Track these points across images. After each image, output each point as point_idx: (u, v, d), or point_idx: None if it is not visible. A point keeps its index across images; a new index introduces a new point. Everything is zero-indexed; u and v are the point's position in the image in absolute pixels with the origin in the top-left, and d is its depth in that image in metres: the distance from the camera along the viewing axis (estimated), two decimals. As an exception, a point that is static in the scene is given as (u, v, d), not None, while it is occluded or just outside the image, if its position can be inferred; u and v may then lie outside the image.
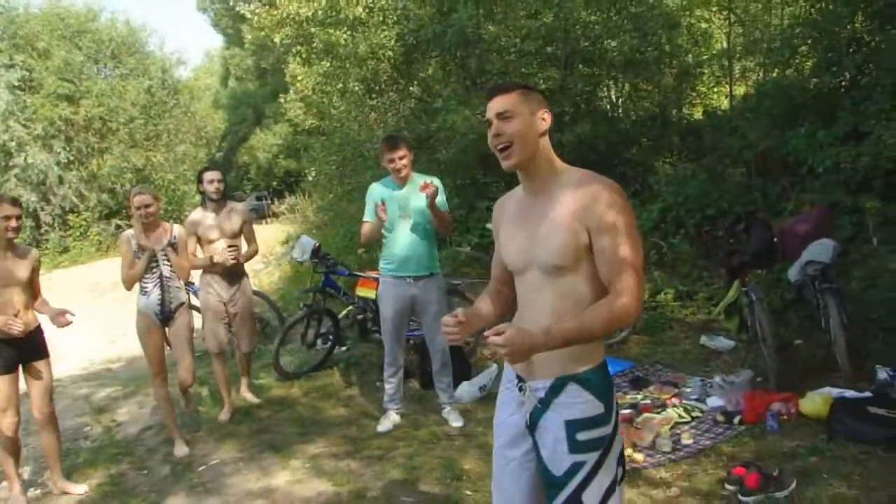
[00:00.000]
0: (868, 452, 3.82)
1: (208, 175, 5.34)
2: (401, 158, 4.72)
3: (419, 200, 4.76)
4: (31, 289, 4.20)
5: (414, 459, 4.38)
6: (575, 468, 2.05)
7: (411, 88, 10.02)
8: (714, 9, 11.04)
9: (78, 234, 21.48)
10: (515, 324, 2.17)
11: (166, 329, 4.87)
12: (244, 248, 5.55)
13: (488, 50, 8.84)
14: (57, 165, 21.50)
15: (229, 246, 5.25)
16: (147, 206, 4.63)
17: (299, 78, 11.99)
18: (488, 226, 7.25)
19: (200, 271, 5.51)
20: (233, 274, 5.40)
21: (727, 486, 3.64)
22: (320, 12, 9.27)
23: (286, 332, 6.42)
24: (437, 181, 4.89)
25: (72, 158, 22.01)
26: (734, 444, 4.20)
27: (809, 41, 8.35)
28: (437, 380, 5.12)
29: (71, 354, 8.23)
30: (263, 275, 12.66)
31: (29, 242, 20.75)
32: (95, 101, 22.30)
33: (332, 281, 6.48)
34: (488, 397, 5.41)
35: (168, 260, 4.74)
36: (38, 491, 4.48)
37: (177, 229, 4.86)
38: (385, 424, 5.01)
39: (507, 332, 1.89)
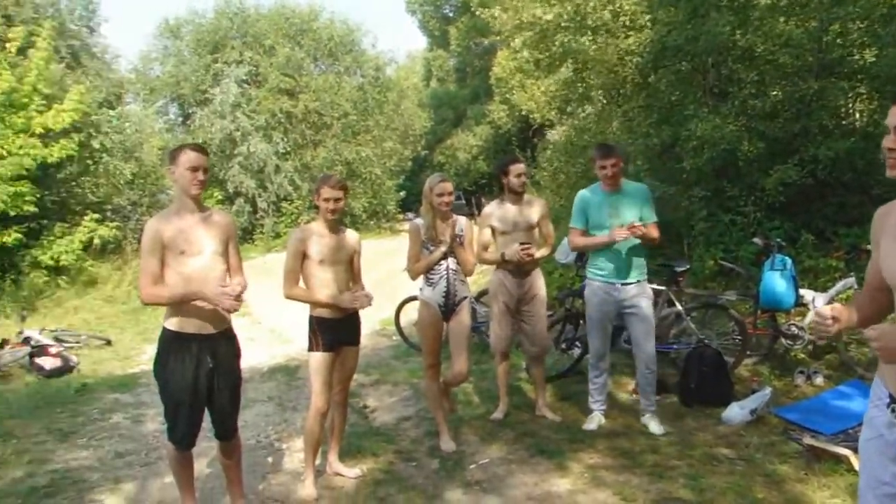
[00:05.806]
0: None
1: (516, 168, 5.15)
2: (613, 166, 4.84)
3: (629, 208, 4.89)
4: (352, 271, 4.30)
5: (698, 481, 4.17)
6: None
7: (649, 95, 9.69)
8: None
9: (289, 220, 22.86)
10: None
11: (444, 323, 4.81)
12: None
13: (742, 57, 8.36)
14: (275, 155, 23.17)
15: (523, 243, 5.04)
16: (449, 193, 4.61)
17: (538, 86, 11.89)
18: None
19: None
20: (525, 270, 5.20)
21: None
22: (565, 16, 9.17)
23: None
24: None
25: (288, 149, 23.66)
26: None
27: None
28: (642, 387, 5.25)
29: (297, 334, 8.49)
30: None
31: (245, 226, 22.48)
32: (313, 95, 23.87)
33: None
34: (759, 421, 5.11)
35: (454, 253, 4.73)
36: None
37: (462, 222, 4.78)
38: (590, 425, 5.17)
39: (880, 326, 1.84)
